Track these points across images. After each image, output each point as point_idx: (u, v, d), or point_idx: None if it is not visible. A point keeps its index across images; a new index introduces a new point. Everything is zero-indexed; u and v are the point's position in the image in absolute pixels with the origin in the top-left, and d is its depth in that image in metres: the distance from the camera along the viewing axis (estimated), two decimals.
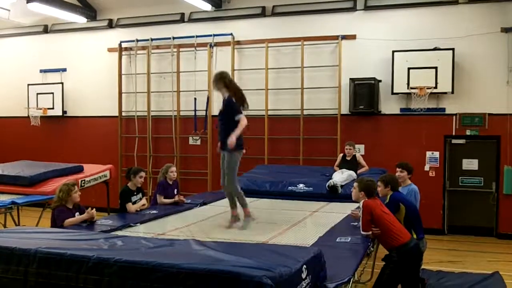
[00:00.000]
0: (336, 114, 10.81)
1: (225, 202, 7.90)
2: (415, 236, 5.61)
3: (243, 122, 5.81)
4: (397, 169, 6.63)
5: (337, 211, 6.90)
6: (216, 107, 11.70)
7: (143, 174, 7.00)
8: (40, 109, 13.06)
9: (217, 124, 6.28)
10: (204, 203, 7.58)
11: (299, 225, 6.15)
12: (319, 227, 5.86)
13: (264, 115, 11.23)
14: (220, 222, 6.28)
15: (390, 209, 5.46)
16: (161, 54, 12.31)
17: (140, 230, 5.65)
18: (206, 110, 11.78)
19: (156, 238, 4.91)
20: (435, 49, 10.10)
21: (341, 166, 9.11)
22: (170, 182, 7.54)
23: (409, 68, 10.11)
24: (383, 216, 5.19)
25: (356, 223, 5.61)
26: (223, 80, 5.98)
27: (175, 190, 7.60)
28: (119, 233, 5.26)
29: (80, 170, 9.21)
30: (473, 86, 10.13)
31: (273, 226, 5.94)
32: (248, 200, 7.99)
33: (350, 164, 9.09)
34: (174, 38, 12.02)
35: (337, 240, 5.02)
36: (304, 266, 3.36)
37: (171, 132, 12.13)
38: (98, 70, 12.86)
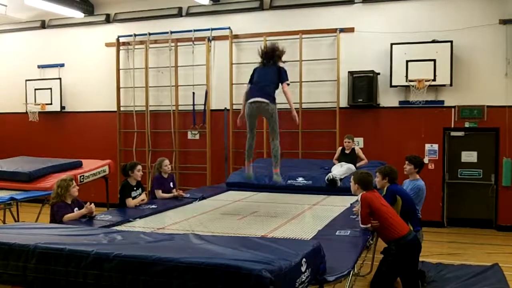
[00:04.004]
0: (335, 107, 10.80)
1: (224, 196, 7.95)
2: (411, 228, 5.62)
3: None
4: (405, 161, 6.61)
5: (337, 204, 6.90)
6: (215, 101, 11.78)
7: (139, 167, 7.00)
8: (38, 104, 13.03)
9: (257, 82, 6.67)
10: (203, 198, 7.57)
11: (298, 218, 6.15)
12: (319, 220, 5.86)
13: None
14: (219, 215, 6.30)
15: (387, 201, 5.47)
16: (159, 48, 12.27)
17: (139, 225, 5.64)
18: (205, 104, 11.76)
19: (156, 232, 4.92)
20: (433, 41, 10.07)
21: (340, 159, 9.11)
22: (166, 176, 7.54)
23: (407, 61, 10.09)
24: (381, 209, 5.20)
25: (355, 216, 5.62)
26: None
27: (171, 183, 7.61)
28: (118, 228, 5.26)
29: (79, 165, 9.20)
30: (471, 78, 10.12)
31: (273, 220, 5.94)
32: (247, 193, 8.05)
33: (349, 157, 9.09)
34: (172, 32, 11.98)
35: (337, 233, 5.02)
36: (304, 259, 3.36)
37: (169, 127, 12.11)
38: (96, 65, 12.83)
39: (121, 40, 12.48)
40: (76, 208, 5.74)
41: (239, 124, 6.86)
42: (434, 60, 9.93)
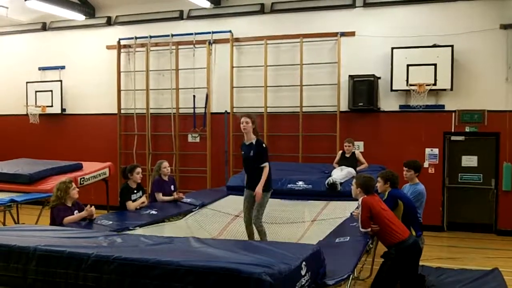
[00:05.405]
0: (335, 111, 10.80)
1: (224, 202, 7.92)
2: (413, 233, 5.61)
3: (267, 170, 6.05)
4: (404, 168, 6.58)
5: (338, 216, 6.84)
6: (215, 105, 11.78)
7: (139, 169, 6.98)
8: (39, 107, 13.05)
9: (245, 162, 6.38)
10: (203, 205, 7.49)
11: (299, 224, 6.14)
12: (319, 225, 5.85)
13: (263, 112, 11.21)
14: (220, 219, 6.29)
15: (388, 206, 5.47)
16: (160, 51, 12.28)
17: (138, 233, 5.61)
18: (205, 107, 11.77)
19: (155, 235, 4.91)
20: (434, 45, 10.08)
21: (340, 163, 9.10)
22: (166, 178, 7.53)
23: (408, 65, 10.09)
24: (381, 213, 5.20)
25: (355, 224, 5.60)
26: (255, 124, 6.23)
27: (172, 186, 7.59)
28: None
29: (79, 167, 9.19)
30: (472, 83, 10.12)
31: (273, 224, 5.93)
32: None
33: (349, 161, 9.07)
34: (173, 35, 11.99)
35: (337, 241, 5.02)
36: (304, 263, 3.36)
37: (170, 130, 12.11)
38: (96, 68, 12.84)
39: (122, 42, 12.49)
40: (76, 211, 5.74)
41: None
42: (435, 65, 9.94)
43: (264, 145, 6.19)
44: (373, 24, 10.67)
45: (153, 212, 6.60)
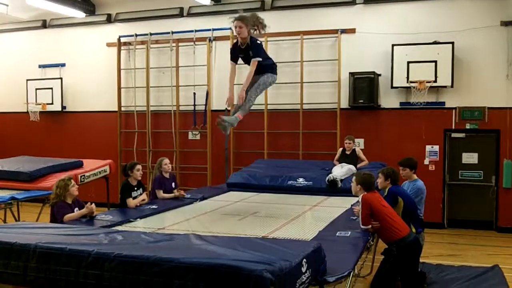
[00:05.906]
0: (336, 108, 10.80)
1: (225, 196, 7.94)
2: (414, 230, 5.61)
3: (254, 68, 6.37)
4: (399, 168, 6.57)
5: (337, 205, 6.89)
6: (215, 102, 11.76)
7: (139, 167, 6.97)
8: (39, 104, 13.05)
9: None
10: (204, 198, 7.56)
11: (298, 219, 6.15)
12: (319, 221, 5.85)
13: (263, 109, 11.20)
14: (220, 216, 6.30)
15: (388, 203, 5.46)
16: (160, 48, 12.28)
17: (139, 225, 5.64)
18: (206, 105, 11.76)
19: (156, 232, 4.91)
20: (434, 42, 10.07)
21: (340, 161, 9.10)
22: (167, 176, 7.53)
23: (408, 62, 10.09)
24: (382, 210, 5.20)
25: (355, 217, 5.61)
26: (250, 23, 6.43)
27: (173, 184, 7.59)
28: (119, 228, 5.26)
29: (79, 165, 9.21)
30: (472, 80, 10.12)
31: (273, 220, 5.94)
32: (247, 194, 8.05)
33: (350, 158, 9.07)
34: (173, 32, 11.98)
35: (337, 234, 5.01)
36: (304, 260, 3.36)
37: (170, 127, 12.12)
38: (97, 65, 12.84)
39: (122, 40, 12.48)
40: (76, 208, 5.73)
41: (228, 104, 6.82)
42: (435, 62, 9.94)
43: (258, 41, 6.41)
44: (374, 21, 10.66)
45: (154, 206, 6.63)
